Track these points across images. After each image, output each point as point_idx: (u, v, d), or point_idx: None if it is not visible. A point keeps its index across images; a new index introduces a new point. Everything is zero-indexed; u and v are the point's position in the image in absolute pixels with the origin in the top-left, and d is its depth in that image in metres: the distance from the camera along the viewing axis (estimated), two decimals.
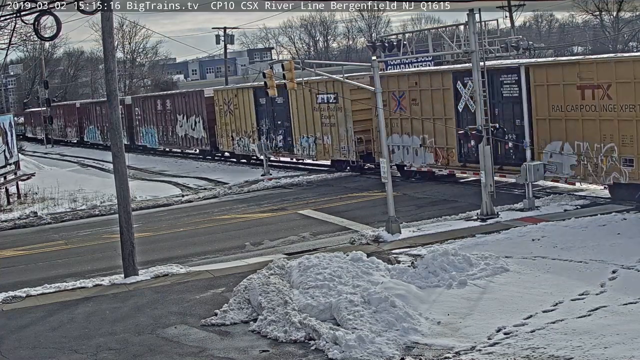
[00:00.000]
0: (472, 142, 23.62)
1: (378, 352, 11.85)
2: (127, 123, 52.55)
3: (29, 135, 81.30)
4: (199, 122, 44.06)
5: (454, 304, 13.84)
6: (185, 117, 45.81)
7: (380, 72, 24.03)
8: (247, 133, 38.75)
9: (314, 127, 33.28)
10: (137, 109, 52.93)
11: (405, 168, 28.74)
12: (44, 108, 72.52)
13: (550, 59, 26.42)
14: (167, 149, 51.20)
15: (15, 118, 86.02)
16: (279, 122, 36.03)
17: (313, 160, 34.75)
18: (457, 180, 27.91)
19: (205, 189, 32.77)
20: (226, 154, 43.06)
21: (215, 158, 44.51)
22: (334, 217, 23.47)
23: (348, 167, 32.31)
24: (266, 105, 36.69)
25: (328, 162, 34.08)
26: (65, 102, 78.03)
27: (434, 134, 26.73)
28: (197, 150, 45.56)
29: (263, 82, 23.50)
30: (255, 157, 38.85)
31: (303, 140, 34.42)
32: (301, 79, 33.39)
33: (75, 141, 67.25)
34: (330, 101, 31.36)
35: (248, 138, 38.72)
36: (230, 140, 40.53)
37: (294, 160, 36.44)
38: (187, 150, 48.17)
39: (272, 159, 37.46)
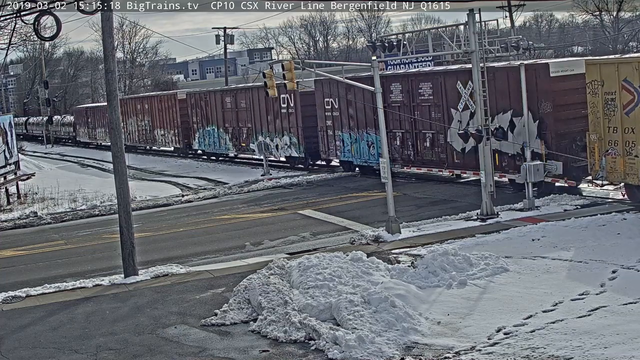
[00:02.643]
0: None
1: (378, 352, 11.85)
2: (300, 122, 34.40)
3: (83, 139, 64.47)
4: (522, 120, 23.17)
5: (454, 304, 13.83)
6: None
7: None
8: None
9: None
10: (329, 100, 32.06)
11: None
12: (104, 104, 66.24)
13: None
14: (417, 172, 28.77)
15: (57, 117, 74.56)
16: None
17: None
18: (456, 180, 27.75)
19: (205, 189, 32.76)
20: (611, 190, 21.96)
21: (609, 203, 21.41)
22: (334, 217, 23.47)
23: None
24: None
25: None
26: (148, 94, 57.33)
27: None
28: (508, 179, 24.29)
29: None
30: None
31: None
32: None
33: (172, 149, 48.19)
34: None
35: None
36: None
37: None
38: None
39: None
